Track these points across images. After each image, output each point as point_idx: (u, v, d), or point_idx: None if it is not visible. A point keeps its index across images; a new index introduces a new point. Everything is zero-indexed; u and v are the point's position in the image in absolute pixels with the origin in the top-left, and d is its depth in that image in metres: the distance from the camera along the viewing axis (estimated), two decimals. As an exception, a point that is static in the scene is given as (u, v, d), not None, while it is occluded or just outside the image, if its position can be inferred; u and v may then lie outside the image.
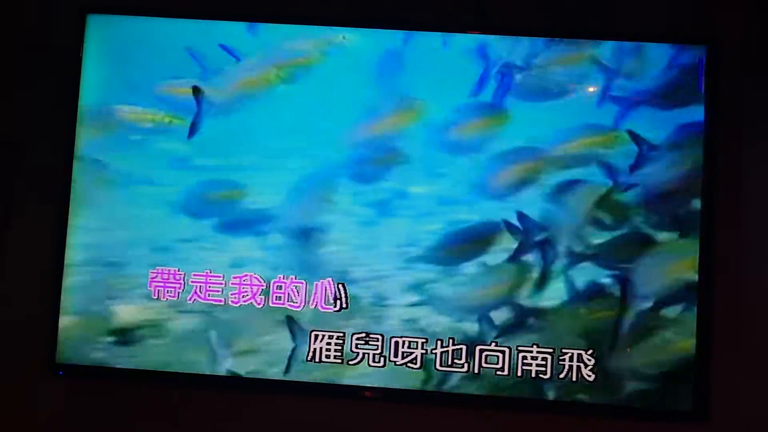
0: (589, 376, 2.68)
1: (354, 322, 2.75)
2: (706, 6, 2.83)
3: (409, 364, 2.73)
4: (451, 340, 2.72)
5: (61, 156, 2.81)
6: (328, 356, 2.73)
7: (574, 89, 2.77)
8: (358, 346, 2.73)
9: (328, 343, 2.73)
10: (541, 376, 2.70)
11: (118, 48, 2.85)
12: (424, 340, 2.72)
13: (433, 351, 2.71)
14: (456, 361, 2.71)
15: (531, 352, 2.71)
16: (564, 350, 2.69)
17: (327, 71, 2.81)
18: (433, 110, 2.78)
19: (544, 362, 2.70)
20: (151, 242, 2.79)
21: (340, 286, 2.75)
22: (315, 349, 2.73)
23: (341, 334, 2.73)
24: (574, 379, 2.69)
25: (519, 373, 2.70)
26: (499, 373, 2.70)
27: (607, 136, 2.74)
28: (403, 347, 2.73)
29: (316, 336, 2.74)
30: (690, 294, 2.68)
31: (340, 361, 2.73)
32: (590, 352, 2.69)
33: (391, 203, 2.77)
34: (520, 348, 2.70)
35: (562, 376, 2.69)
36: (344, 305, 2.75)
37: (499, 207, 2.75)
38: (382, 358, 2.73)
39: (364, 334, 2.74)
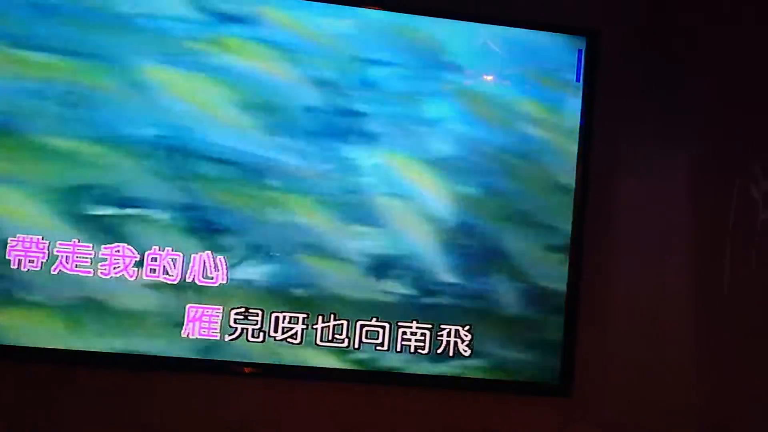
0: (466, 351, 2.81)
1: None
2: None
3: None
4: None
5: None
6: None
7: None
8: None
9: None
10: (420, 351, 2.79)
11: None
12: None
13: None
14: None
15: (411, 327, 2.79)
16: (442, 326, 2.80)
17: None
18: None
19: (423, 338, 2.80)
20: None
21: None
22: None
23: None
24: (451, 354, 2.80)
25: (398, 348, 2.77)
26: (378, 348, 2.76)
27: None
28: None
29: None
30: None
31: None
32: (467, 327, 2.82)
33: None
34: (400, 324, 2.78)
35: (440, 351, 2.80)
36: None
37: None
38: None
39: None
